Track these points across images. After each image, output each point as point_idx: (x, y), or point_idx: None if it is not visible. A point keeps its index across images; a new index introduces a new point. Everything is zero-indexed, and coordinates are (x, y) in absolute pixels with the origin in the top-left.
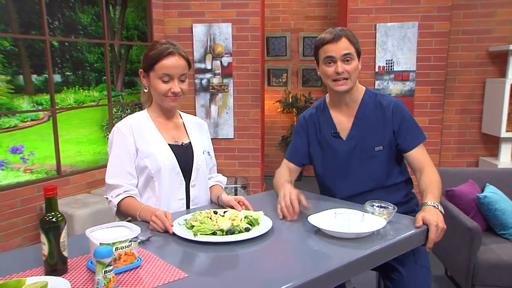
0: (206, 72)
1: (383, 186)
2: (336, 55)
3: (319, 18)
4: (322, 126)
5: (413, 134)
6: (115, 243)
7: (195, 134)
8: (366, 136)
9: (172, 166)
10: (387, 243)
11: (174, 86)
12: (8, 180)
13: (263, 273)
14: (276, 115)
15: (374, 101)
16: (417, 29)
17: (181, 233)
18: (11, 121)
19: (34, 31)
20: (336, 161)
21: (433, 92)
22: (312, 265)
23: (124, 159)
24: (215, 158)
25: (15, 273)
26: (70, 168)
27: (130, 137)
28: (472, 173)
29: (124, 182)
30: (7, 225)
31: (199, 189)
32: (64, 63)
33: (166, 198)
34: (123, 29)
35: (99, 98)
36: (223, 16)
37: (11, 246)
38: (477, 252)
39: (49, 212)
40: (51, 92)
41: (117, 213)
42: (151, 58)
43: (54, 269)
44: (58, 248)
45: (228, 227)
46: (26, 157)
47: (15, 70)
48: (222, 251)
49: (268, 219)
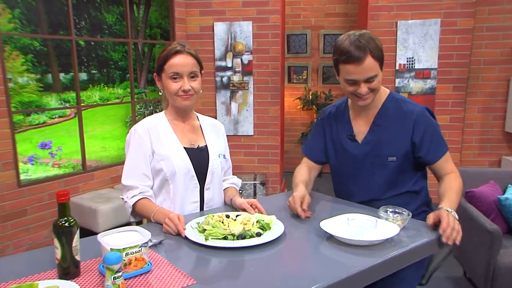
0: (226, 69)
1: (395, 194)
2: (359, 78)
3: (340, 15)
4: (340, 126)
5: (437, 146)
6: (125, 249)
7: (211, 136)
8: (382, 143)
9: (187, 169)
10: (400, 251)
11: (184, 84)
12: (38, 174)
13: (272, 281)
14: (296, 112)
15: (395, 108)
16: (439, 26)
17: (193, 237)
18: (40, 117)
19: (62, 31)
20: (349, 164)
21: (455, 90)
22: (323, 272)
23: (140, 161)
24: (230, 160)
25: (30, 275)
26: (95, 163)
27: (147, 139)
28: (494, 174)
29: (139, 184)
30: (35, 218)
31: (213, 192)
32: (90, 61)
33: (180, 200)
34: (146, 28)
35: (123, 95)
36: (243, 15)
37: (40, 238)
38: (497, 256)
39: (62, 217)
40: (77, 90)
41: (132, 214)
42: (160, 59)
43: (67, 273)
44: (70, 252)
45: (240, 231)
46: (54, 152)
47: (44, 69)
48: (232, 256)
49: (280, 224)
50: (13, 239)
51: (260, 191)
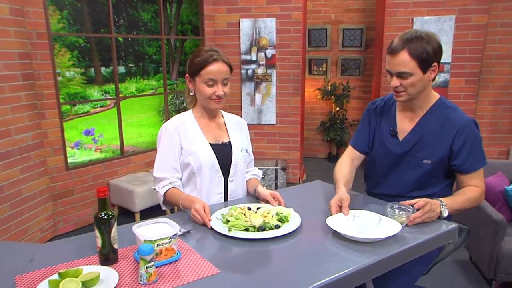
0: (251, 63)
1: (420, 195)
2: (392, 70)
3: (359, 11)
4: (384, 120)
5: (474, 159)
6: (156, 240)
7: (235, 133)
8: (420, 145)
9: (212, 164)
10: (402, 248)
11: (218, 89)
12: (83, 158)
13: (287, 272)
14: (315, 102)
15: (442, 114)
16: (454, 22)
17: (217, 227)
18: (84, 107)
19: (103, 29)
20: (384, 158)
21: (467, 84)
22: (327, 267)
23: (170, 155)
24: (252, 154)
25: (76, 259)
26: (132, 148)
27: (176, 136)
28: (502, 165)
29: (169, 175)
30: (81, 197)
31: (237, 184)
32: (127, 56)
33: (206, 192)
34: (178, 24)
35: (157, 86)
36: (267, 11)
37: (85, 215)
38: (501, 243)
39: (101, 210)
40: (116, 82)
41: (163, 203)
42: (197, 64)
43: (107, 259)
44: (109, 241)
45: (260, 224)
46: (96, 138)
47: (87, 63)
48: (253, 246)
49: (298, 216)
50: (63, 215)
51: (281, 176)
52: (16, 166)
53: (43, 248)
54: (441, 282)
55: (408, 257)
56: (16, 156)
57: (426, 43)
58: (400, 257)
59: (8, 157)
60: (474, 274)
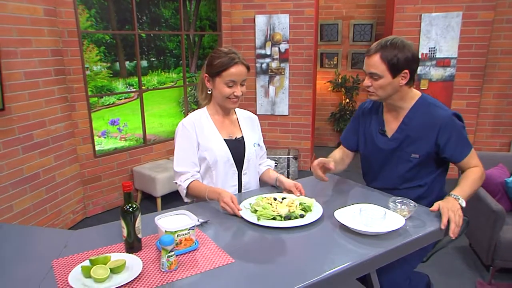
0: (266, 57)
1: (413, 186)
2: (365, 70)
3: (369, 6)
4: (373, 120)
5: (461, 148)
6: (176, 231)
7: (247, 128)
8: (407, 141)
9: (227, 158)
10: (405, 240)
11: (237, 90)
12: (109, 146)
13: (297, 262)
14: (326, 94)
15: (425, 111)
16: (461, 19)
17: (247, 216)
18: (110, 99)
19: (127, 25)
20: (376, 155)
21: (472, 78)
22: (334, 258)
23: (189, 150)
24: (264, 147)
25: (104, 246)
26: (153, 137)
27: (193, 132)
28: (503, 158)
29: (190, 169)
30: (107, 183)
31: (250, 176)
32: (150, 51)
33: (222, 185)
34: (197, 20)
35: (177, 79)
36: (281, 8)
37: (111, 199)
38: (500, 232)
39: (127, 203)
40: (139, 75)
41: (186, 195)
42: (218, 66)
43: (132, 247)
44: (134, 231)
45: (286, 213)
46: (121, 127)
47: (113, 58)
48: (265, 236)
49: (319, 206)
50: (92, 199)
51: (292, 165)
52: (50, 154)
53: (75, 235)
54: (442, 267)
55: (411, 249)
56: (50, 145)
57: (398, 51)
58: (403, 249)
59: (44, 146)
60: (473, 259)
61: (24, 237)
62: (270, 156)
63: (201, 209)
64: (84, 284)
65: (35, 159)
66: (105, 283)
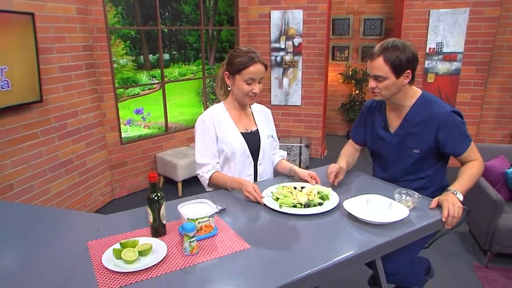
0: (280, 50)
1: (415, 178)
2: (369, 72)
3: (380, 1)
4: (377, 117)
5: (461, 142)
6: (197, 219)
7: (261, 121)
8: (408, 138)
9: (243, 150)
10: (409, 229)
11: (256, 87)
12: (134, 133)
13: (307, 249)
14: (337, 85)
15: (425, 108)
16: (468, 15)
17: (269, 204)
18: (135, 90)
19: (151, 21)
20: (381, 149)
21: (477, 72)
22: (341, 246)
23: (209, 143)
24: (277, 138)
25: (132, 230)
26: (175, 125)
27: (211, 126)
28: (504, 149)
29: (211, 161)
30: (132, 168)
31: (265, 166)
32: (171, 44)
33: (239, 174)
34: (215, 15)
35: (197, 71)
36: (296, 4)
37: (137, 183)
38: (498, 220)
39: (152, 192)
40: (161, 68)
41: (208, 185)
42: (239, 64)
43: (157, 232)
44: (159, 218)
45: (305, 201)
46: (145, 116)
47: (137, 52)
48: (278, 224)
49: (336, 195)
50: (119, 182)
51: (304, 153)
52: (82, 141)
53: (107, 219)
54: (442, 251)
55: (414, 238)
56: (81, 133)
57: (400, 52)
58: (406, 238)
59: (76, 134)
60: (471, 244)
61: (60, 219)
62: (283, 145)
63: (221, 196)
64: (116, 264)
65: (68, 146)
66: (134, 264)
